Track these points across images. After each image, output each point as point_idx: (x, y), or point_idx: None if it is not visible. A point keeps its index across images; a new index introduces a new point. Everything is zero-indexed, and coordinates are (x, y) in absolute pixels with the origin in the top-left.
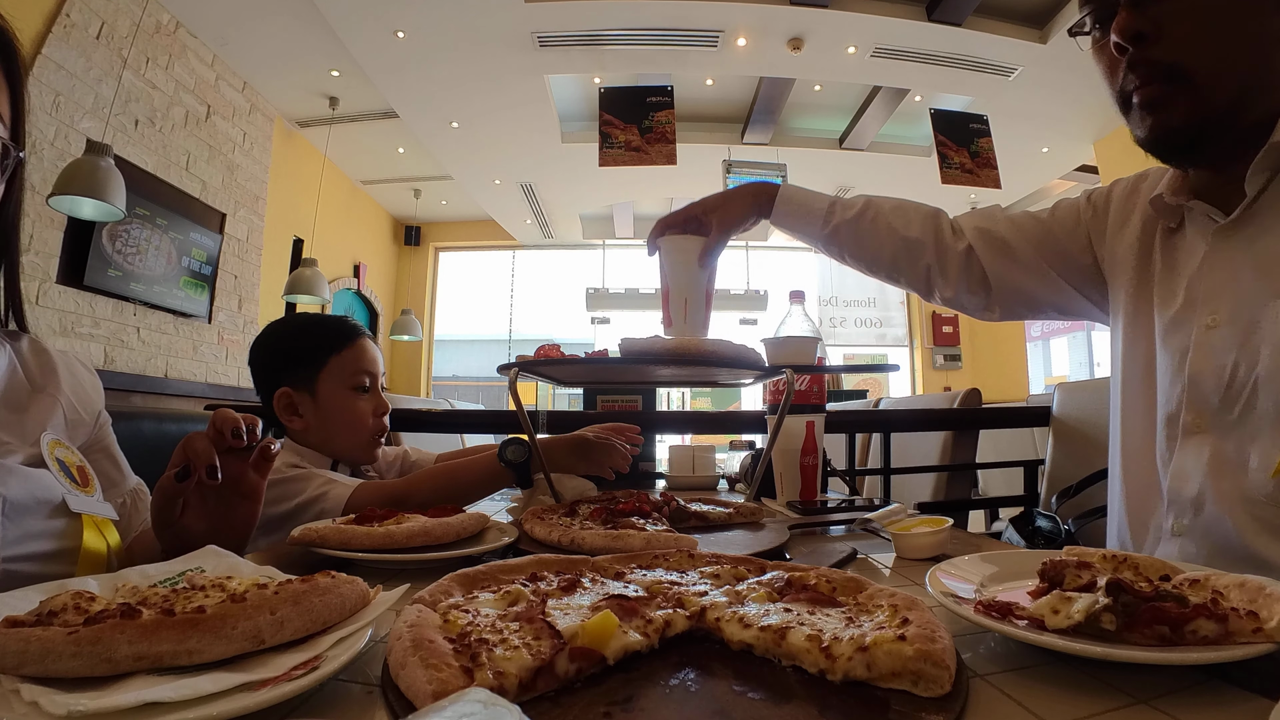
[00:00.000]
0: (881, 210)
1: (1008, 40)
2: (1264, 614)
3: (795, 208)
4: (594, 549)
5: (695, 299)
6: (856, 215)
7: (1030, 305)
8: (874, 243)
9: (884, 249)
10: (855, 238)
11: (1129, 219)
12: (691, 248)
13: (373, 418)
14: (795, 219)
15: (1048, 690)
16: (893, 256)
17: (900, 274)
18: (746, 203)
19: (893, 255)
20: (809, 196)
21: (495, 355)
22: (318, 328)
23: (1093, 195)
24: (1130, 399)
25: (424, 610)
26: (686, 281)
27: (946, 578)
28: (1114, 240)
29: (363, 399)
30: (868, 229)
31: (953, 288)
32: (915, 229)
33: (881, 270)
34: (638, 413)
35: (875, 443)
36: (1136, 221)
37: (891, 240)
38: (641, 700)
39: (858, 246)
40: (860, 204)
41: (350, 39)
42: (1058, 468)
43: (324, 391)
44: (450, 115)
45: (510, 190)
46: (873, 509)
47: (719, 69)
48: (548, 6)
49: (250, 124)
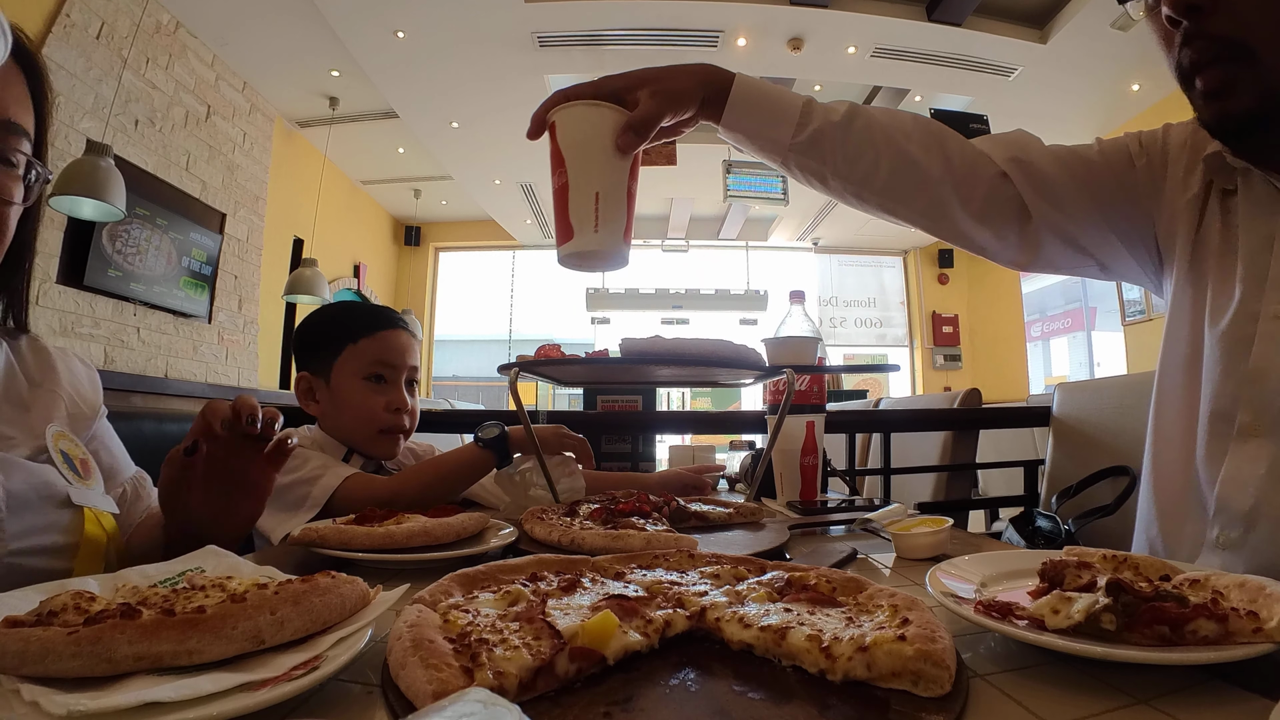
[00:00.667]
0: (875, 119)
1: (1008, 40)
2: (1264, 614)
3: (758, 103)
4: (594, 549)
5: (611, 193)
6: (844, 121)
7: (1071, 254)
8: (870, 156)
9: (880, 165)
10: (843, 149)
11: (1191, 172)
12: (606, 120)
13: (385, 411)
14: (757, 119)
15: (1048, 690)
16: (891, 175)
17: (900, 200)
18: (694, 79)
19: (891, 174)
20: (776, 92)
21: (495, 355)
22: (345, 315)
23: (1143, 138)
24: (1169, 388)
25: (424, 610)
26: (598, 167)
27: (946, 578)
28: (1174, 195)
29: (375, 391)
30: (860, 138)
31: (975, 218)
32: (918, 144)
33: (872, 195)
34: (638, 413)
35: (875, 443)
36: (1196, 179)
37: (892, 154)
38: (641, 700)
39: (847, 162)
40: (844, 108)
41: (350, 39)
42: (1058, 468)
43: (337, 379)
44: (450, 115)
45: (510, 190)
46: (873, 509)
47: None
48: (548, 6)
49: (250, 124)
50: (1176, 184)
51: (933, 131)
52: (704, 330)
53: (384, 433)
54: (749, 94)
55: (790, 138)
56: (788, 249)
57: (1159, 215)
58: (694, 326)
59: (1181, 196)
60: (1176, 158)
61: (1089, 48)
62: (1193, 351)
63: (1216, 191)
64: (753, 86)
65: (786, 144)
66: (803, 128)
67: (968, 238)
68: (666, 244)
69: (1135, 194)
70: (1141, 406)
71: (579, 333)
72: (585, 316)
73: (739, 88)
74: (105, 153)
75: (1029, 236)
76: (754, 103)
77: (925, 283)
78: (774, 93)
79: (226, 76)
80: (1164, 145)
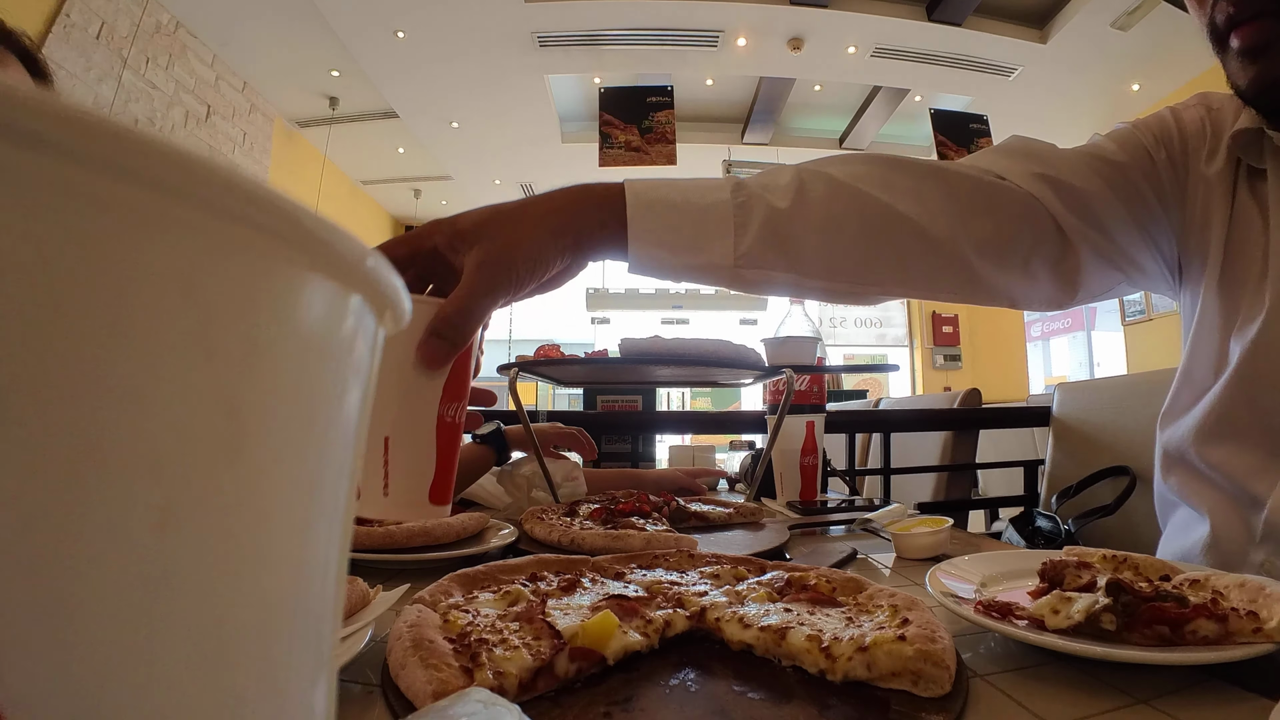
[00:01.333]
0: (834, 179)
1: (1008, 40)
2: (1264, 614)
3: (670, 216)
4: (594, 549)
5: (406, 437)
6: (795, 199)
7: (1108, 275)
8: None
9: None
10: (807, 238)
11: (1214, 156)
12: (401, 337)
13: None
14: (678, 236)
15: (1048, 690)
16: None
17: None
18: (554, 223)
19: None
20: (690, 190)
21: (495, 355)
22: None
23: (1155, 130)
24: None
25: (424, 610)
26: (387, 396)
27: (946, 578)
28: (1199, 185)
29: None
30: (823, 213)
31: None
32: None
33: (857, 282)
34: (638, 413)
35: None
36: (1219, 162)
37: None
38: (641, 700)
39: (817, 252)
40: (787, 179)
41: (350, 39)
42: (1058, 468)
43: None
44: (450, 115)
45: (510, 190)
46: (873, 509)
47: (719, 69)
48: (548, 6)
49: (250, 124)
50: (1199, 174)
51: (918, 169)
52: (704, 330)
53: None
54: (654, 207)
55: (733, 250)
56: None
57: (1186, 210)
58: (694, 326)
59: (1209, 184)
60: (1196, 147)
61: (1089, 48)
62: (1219, 348)
63: (1244, 173)
64: (656, 194)
65: (730, 260)
66: (744, 229)
67: (989, 288)
68: None
69: (1162, 192)
70: (1141, 406)
71: (579, 333)
72: (585, 316)
73: (637, 202)
74: None
75: (1067, 267)
76: (664, 216)
77: None
78: (688, 192)
79: (226, 76)
80: (1180, 133)
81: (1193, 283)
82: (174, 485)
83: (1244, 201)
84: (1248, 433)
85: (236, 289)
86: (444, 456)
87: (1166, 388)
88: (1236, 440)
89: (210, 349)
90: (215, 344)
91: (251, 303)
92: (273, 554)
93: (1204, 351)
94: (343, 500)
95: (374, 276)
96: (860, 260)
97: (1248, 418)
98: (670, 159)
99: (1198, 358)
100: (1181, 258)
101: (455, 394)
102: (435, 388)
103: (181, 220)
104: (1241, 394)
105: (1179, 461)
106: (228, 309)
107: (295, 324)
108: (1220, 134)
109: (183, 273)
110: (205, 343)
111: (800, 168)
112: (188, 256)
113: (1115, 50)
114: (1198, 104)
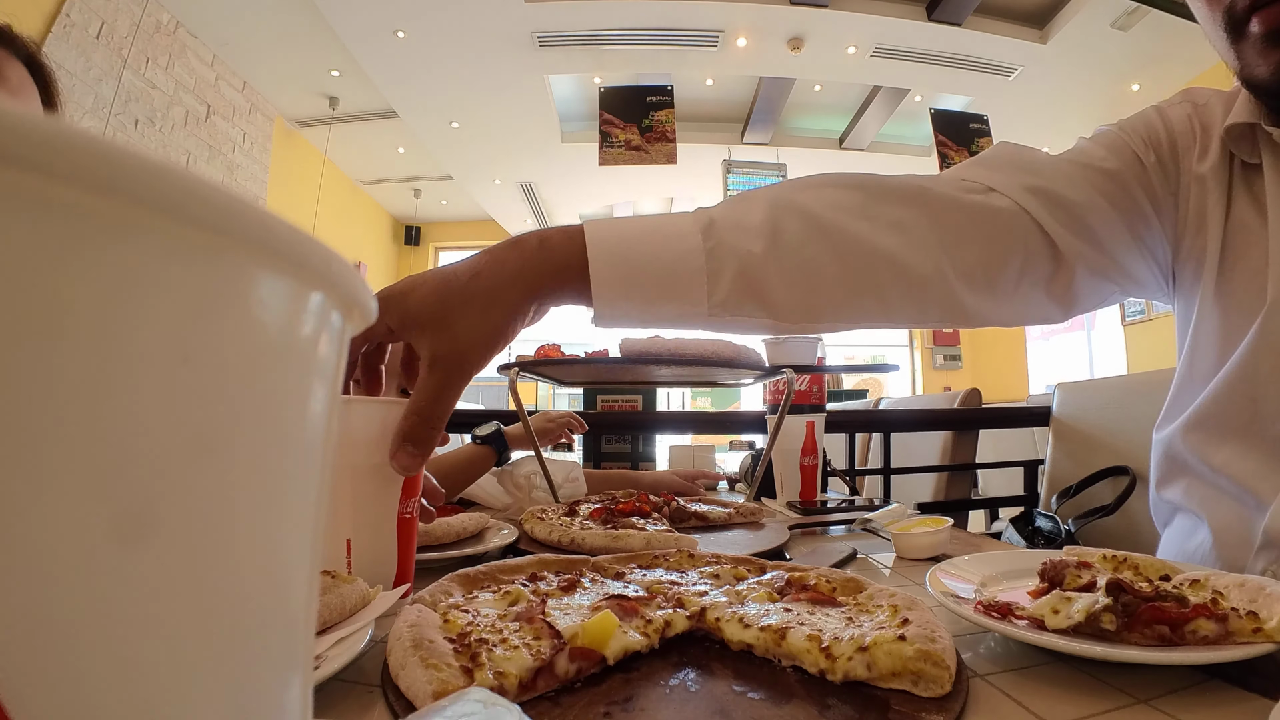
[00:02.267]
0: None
1: (1008, 40)
2: (1264, 614)
3: (636, 264)
4: (594, 549)
5: (369, 536)
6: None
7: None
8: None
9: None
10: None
11: (1206, 154)
12: (357, 419)
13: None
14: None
15: (1048, 690)
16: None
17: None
18: (511, 298)
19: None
20: (652, 231)
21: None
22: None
23: (1143, 132)
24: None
25: (424, 610)
26: (349, 495)
27: (946, 578)
28: (1192, 185)
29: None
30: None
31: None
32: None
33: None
34: (638, 413)
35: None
36: (1211, 159)
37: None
38: (641, 700)
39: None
40: (759, 217)
41: (350, 39)
42: (1058, 468)
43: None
44: (450, 115)
45: (510, 190)
46: (873, 509)
47: (719, 69)
48: (548, 6)
49: (250, 124)
50: (1191, 173)
51: (901, 193)
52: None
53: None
54: (619, 262)
55: (707, 300)
56: None
57: (1179, 211)
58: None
59: (1202, 183)
60: (1186, 146)
61: (1089, 48)
62: (1220, 349)
63: (1238, 169)
64: (621, 247)
65: (704, 310)
66: (717, 279)
67: (979, 314)
68: None
69: (1155, 196)
70: (1141, 406)
71: (579, 333)
72: (585, 316)
73: (600, 254)
74: None
75: (1059, 285)
76: (631, 270)
77: None
78: (653, 240)
79: (226, 76)
80: (1168, 133)
81: (1187, 286)
82: (138, 488)
83: (1240, 198)
84: (1249, 433)
85: (194, 290)
86: (404, 549)
87: (1166, 388)
88: (1239, 441)
89: (170, 351)
90: (175, 346)
91: (210, 304)
92: (242, 555)
93: (1204, 352)
94: (313, 502)
95: (334, 274)
96: (841, 302)
97: (1249, 417)
98: (670, 158)
99: (1197, 358)
100: (1175, 263)
101: (411, 491)
102: (394, 491)
103: (131, 223)
104: (1243, 393)
105: (1180, 465)
106: (185, 310)
107: (255, 324)
108: (1210, 130)
109: (134, 275)
110: (165, 345)
111: (773, 199)
112: (139, 259)
113: (1115, 50)
114: (1183, 100)
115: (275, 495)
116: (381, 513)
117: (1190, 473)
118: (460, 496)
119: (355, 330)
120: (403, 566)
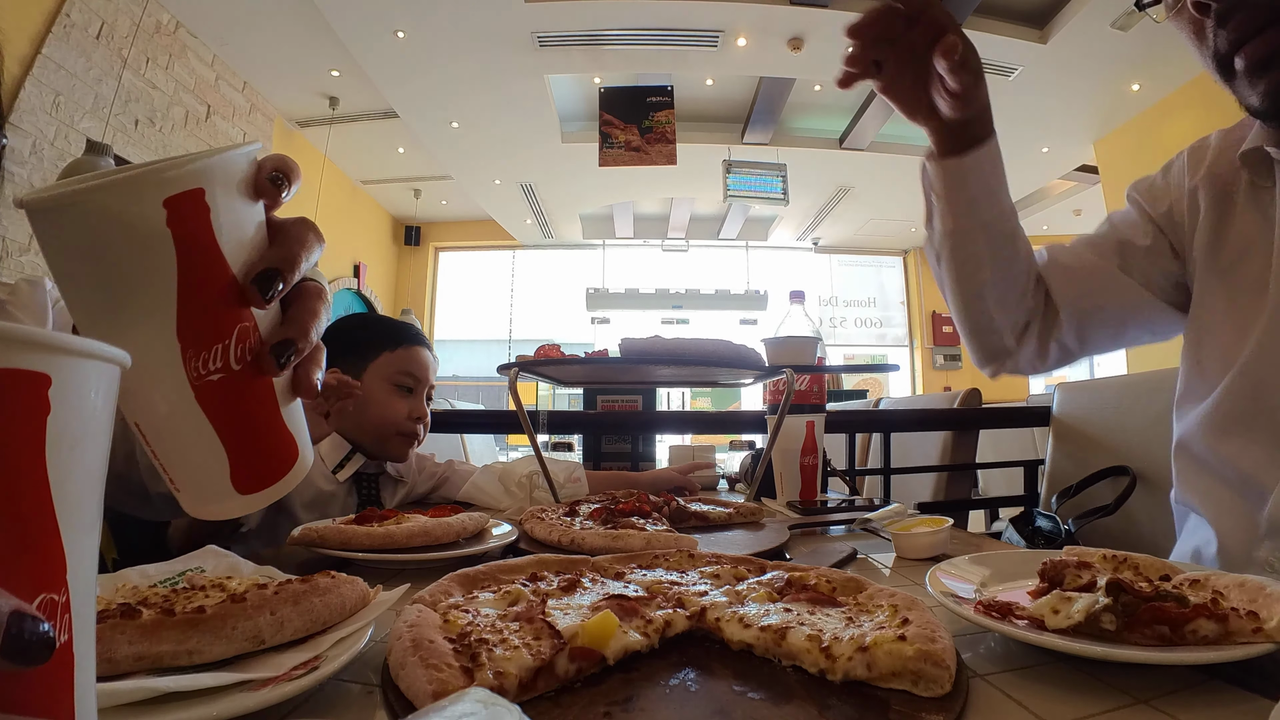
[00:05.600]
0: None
1: (1008, 40)
2: (1264, 614)
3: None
4: (594, 549)
5: (163, 429)
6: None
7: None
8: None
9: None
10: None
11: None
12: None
13: (408, 418)
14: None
15: (1048, 690)
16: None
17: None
18: None
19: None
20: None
21: (495, 355)
22: (380, 325)
23: (1143, 194)
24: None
25: (424, 610)
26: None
27: (946, 578)
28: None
29: (402, 398)
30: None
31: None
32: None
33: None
34: (638, 413)
35: (875, 443)
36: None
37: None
38: (641, 700)
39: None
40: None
41: (350, 39)
42: (1058, 468)
43: (369, 380)
44: (450, 115)
45: (510, 190)
46: (873, 509)
47: (719, 69)
48: (548, 6)
49: (250, 124)
50: (1196, 211)
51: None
52: (704, 330)
53: (402, 436)
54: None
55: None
56: (788, 249)
57: (1191, 253)
58: (694, 326)
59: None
60: (1190, 188)
61: (1089, 48)
62: (1225, 351)
63: (1246, 186)
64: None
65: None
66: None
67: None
68: (666, 244)
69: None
70: (1141, 406)
71: (579, 333)
72: (585, 316)
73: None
74: (105, 152)
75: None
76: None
77: (925, 282)
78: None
79: (226, 76)
80: (1168, 185)
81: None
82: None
83: (1246, 212)
84: (1255, 427)
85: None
86: (230, 430)
87: (1166, 388)
88: (1245, 434)
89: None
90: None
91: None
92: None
93: (1211, 348)
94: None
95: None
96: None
97: (1254, 412)
98: (670, 159)
99: (1205, 353)
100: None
101: (202, 332)
102: (160, 337)
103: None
104: (1248, 390)
105: (1189, 454)
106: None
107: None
108: (1199, 164)
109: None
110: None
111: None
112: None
113: (1115, 50)
114: (1179, 155)
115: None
116: (151, 375)
117: (1199, 461)
118: (460, 497)
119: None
120: (245, 458)
